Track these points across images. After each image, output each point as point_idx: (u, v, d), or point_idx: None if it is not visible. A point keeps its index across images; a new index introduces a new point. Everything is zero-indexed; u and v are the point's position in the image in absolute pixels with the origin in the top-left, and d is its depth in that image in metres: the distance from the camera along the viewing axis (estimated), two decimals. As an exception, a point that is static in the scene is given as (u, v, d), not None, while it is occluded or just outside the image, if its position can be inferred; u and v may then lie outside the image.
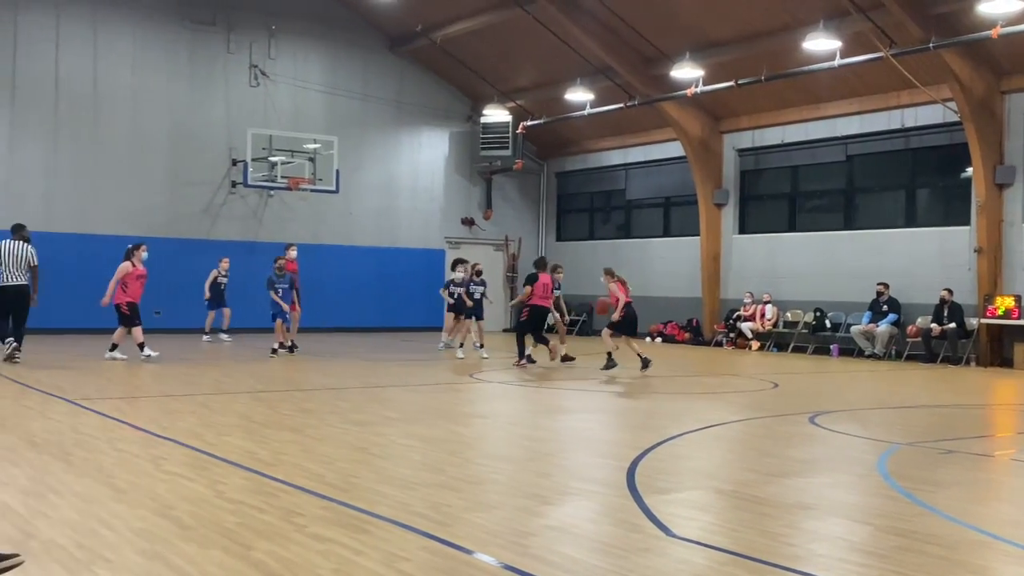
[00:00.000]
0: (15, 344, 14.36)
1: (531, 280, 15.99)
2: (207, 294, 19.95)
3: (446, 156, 26.55)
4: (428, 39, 23.59)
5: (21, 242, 14.54)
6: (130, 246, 15.66)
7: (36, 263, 14.52)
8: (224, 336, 20.10)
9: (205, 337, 19.73)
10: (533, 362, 15.80)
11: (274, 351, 16.82)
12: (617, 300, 15.04)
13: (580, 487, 6.53)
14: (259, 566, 4.44)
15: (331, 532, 5.05)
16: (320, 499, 5.84)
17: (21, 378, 12.31)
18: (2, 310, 14.40)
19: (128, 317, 15.18)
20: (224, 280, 20.14)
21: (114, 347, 15.21)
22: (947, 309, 18.16)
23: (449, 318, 18.56)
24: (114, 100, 21.99)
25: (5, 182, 20.81)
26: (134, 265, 15.26)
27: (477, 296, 17.82)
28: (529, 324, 15.99)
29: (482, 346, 17.50)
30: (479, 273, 18.33)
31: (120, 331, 15.30)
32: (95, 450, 7.37)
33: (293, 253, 18.11)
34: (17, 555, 3.85)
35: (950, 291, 18.18)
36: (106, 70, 21.93)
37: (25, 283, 14.41)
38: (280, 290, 17.00)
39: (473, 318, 17.79)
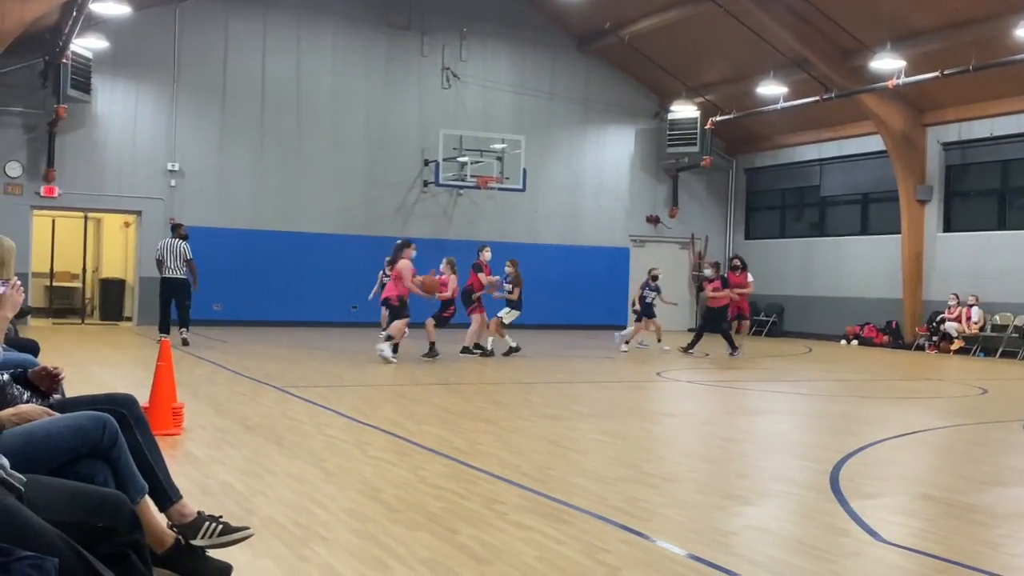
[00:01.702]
0: (185, 331, 16.19)
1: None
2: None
3: (632, 154, 26.44)
4: (616, 36, 23.54)
5: (179, 240, 16.31)
6: (399, 241, 15.30)
7: (190, 257, 16.21)
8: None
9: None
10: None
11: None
12: (445, 288, 15.21)
13: (780, 489, 6.37)
14: (465, 549, 4.55)
15: (531, 521, 5.12)
16: (518, 488, 5.93)
17: (232, 366, 13.07)
18: (166, 299, 16.42)
19: (399, 308, 14.62)
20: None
21: (390, 338, 14.58)
22: None
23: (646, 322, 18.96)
24: (315, 103, 23.04)
25: (217, 182, 22.14)
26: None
27: (648, 300, 18.69)
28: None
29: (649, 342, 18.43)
30: (655, 278, 18.79)
31: (397, 324, 14.73)
32: (304, 434, 7.73)
33: (487, 255, 16.95)
34: (247, 527, 4.08)
35: None
36: (308, 74, 23.01)
37: (184, 276, 16.21)
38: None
39: (644, 319, 18.79)
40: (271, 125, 22.65)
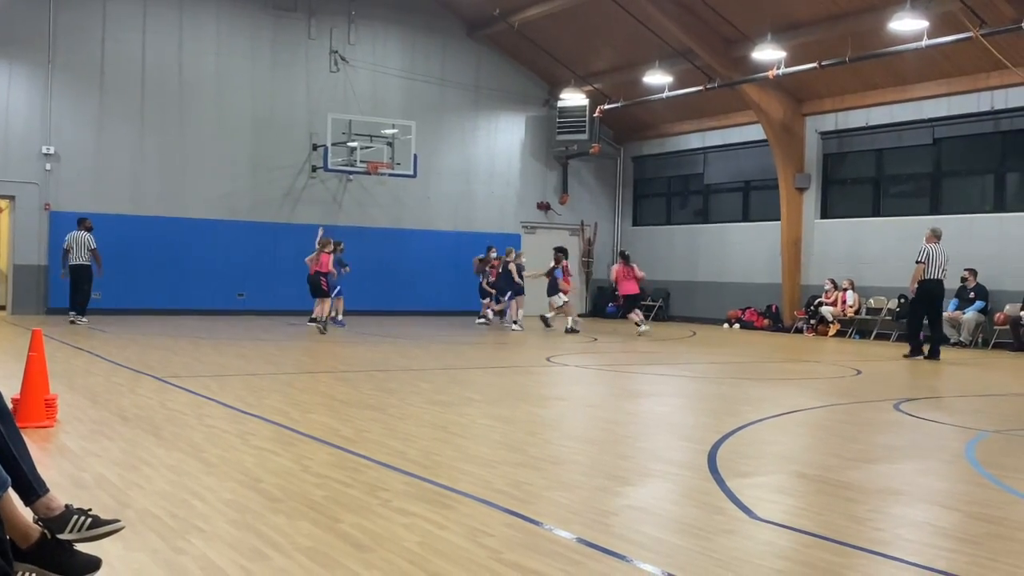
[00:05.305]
0: (74, 313, 18.73)
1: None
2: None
3: (522, 141, 26.57)
4: (506, 23, 23.60)
5: (84, 232, 18.92)
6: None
7: (94, 247, 18.83)
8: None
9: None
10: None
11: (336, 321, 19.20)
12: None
13: (661, 469, 6.51)
14: (346, 538, 4.53)
15: (415, 507, 5.12)
16: (403, 475, 5.93)
17: (111, 356, 12.69)
18: (72, 283, 18.90)
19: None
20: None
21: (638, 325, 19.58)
22: (1038, 296, 17.65)
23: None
24: (199, 85, 22.47)
25: (94, 166, 21.42)
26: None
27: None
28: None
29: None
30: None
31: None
32: (184, 425, 7.56)
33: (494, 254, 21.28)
34: (118, 520, 3.98)
35: (1041, 278, 17.65)
36: (191, 56, 22.41)
37: (88, 263, 18.79)
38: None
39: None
40: (152, 108, 22.00)
